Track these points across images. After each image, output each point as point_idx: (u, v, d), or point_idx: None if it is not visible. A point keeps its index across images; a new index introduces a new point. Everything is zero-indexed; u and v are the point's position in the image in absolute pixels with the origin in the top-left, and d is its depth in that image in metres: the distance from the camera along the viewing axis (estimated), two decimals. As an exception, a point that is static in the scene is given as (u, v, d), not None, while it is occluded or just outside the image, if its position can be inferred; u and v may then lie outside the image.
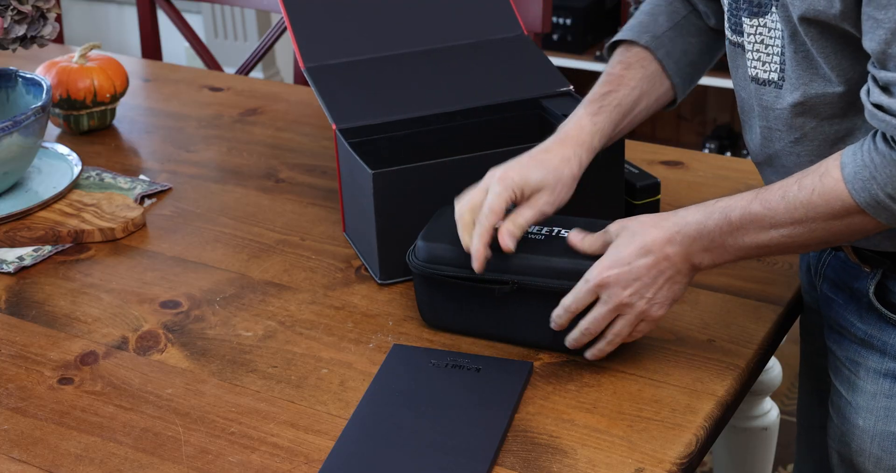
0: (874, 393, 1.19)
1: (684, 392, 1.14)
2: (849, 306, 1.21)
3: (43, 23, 1.54)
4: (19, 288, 1.40)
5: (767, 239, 1.07)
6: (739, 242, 1.08)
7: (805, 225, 1.05)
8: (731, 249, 1.09)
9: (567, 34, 3.28)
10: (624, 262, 1.10)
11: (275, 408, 1.15)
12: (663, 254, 1.10)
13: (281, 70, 3.71)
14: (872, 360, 1.19)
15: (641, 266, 1.10)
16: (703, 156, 1.66)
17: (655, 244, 1.10)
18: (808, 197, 1.03)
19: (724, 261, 1.11)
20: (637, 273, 1.10)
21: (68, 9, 3.98)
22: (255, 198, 1.58)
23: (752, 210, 1.06)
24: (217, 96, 1.94)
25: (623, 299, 1.11)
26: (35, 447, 1.12)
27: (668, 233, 1.10)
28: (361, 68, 1.47)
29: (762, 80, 1.13)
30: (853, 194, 1.01)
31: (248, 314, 1.31)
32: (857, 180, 1.01)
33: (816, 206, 1.03)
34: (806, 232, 1.05)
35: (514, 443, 1.08)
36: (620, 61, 1.28)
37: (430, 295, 1.23)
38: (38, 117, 1.50)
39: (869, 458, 1.21)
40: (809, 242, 1.06)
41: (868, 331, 1.19)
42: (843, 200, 1.02)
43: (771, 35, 1.10)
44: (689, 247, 1.10)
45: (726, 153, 3.37)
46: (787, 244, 1.07)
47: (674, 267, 1.10)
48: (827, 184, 1.03)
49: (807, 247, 1.08)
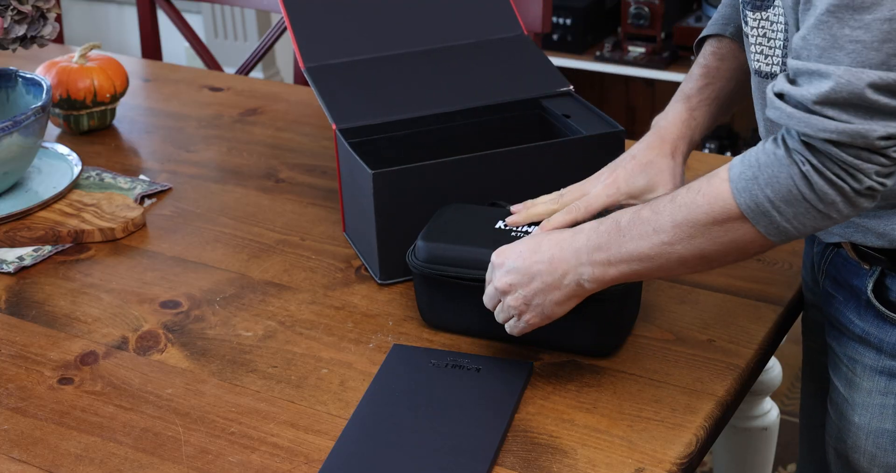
0: (870, 390, 1.19)
1: (684, 392, 1.14)
2: (848, 303, 1.21)
3: (43, 23, 1.54)
4: (19, 288, 1.40)
5: (648, 246, 1.03)
6: (623, 249, 1.04)
7: (685, 230, 1.01)
8: (614, 258, 1.05)
9: (567, 34, 3.28)
10: (515, 250, 1.11)
11: (275, 408, 1.15)
12: (549, 254, 1.09)
13: (281, 70, 3.71)
14: (869, 357, 1.19)
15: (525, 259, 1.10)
16: (703, 156, 1.66)
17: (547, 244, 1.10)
18: (692, 198, 1.01)
19: (605, 277, 1.07)
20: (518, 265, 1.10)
21: (68, 9, 3.98)
22: (255, 198, 1.58)
23: (641, 214, 1.04)
24: (217, 96, 1.94)
25: (500, 284, 1.11)
26: (35, 447, 1.12)
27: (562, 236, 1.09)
28: (361, 68, 1.47)
29: (764, 73, 1.13)
30: (735, 194, 0.98)
31: (248, 314, 1.31)
32: (741, 179, 0.98)
33: (699, 207, 1.00)
34: (685, 238, 1.01)
35: (514, 443, 1.08)
36: (713, 53, 1.27)
37: (430, 295, 1.23)
38: (38, 117, 1.50)
39: (864, 455, 1.21)
40: (688, 253, 1.02)
41: (866, 328, 1.19)
42: (724, 200, 0.99)
43: (773, 28, 1.10)
44: (576, 251, 1.07)
45: (726, 153, 3.37)
46: (669, 255, 1.03)
47: (552, 275, 1.08)
48: (713, 184, 1.00)
49: (685, 261, 1.03)
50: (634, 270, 1.06)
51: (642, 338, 1.23)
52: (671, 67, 3.18)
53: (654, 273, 1.06)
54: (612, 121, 1.39)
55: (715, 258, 1.03)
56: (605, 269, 1.06)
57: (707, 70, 1.27)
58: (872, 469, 1.21)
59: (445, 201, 1.30)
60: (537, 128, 1.47)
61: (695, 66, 1.29)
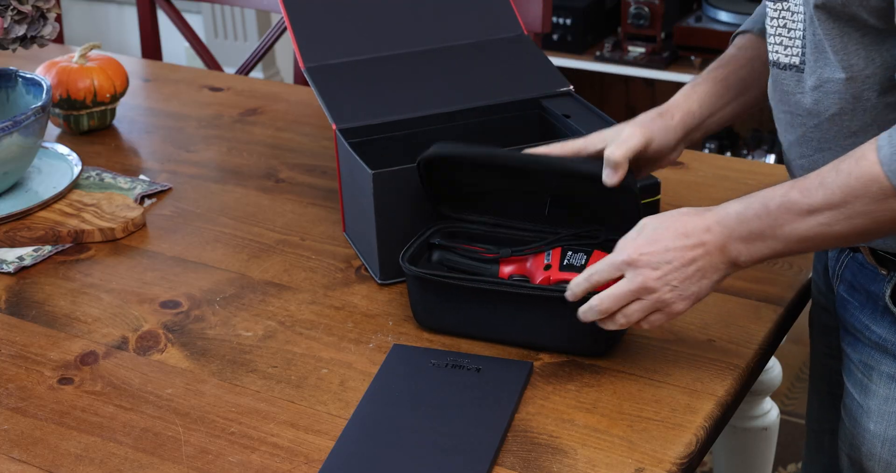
0: (886, 398, 1.18)
1: (684, 392, 1.14)
2: (864, 309, 1.20)
3: (43, 23, 1.54)
4: (19, 288, 1.40)
5: (805, 228, 1.03)
6: (778, 232, 1.04)
7: (843, 210, 1.01)
8: (769, 240, 1.05)
9: (567, 34, 3.28)
10: (659, 243, 1.08)
11: (275, 408, 1.15)
12: (700, 241, 1.07)
13: (281, 70, 3.71)
14: (886, 364, 1.18)
15: (676, 250, 1.07)
16: (703, 156, 1.66)
17: (694, 230, 1.08)
18: (845, 181, 1.00)
19: (762, 255, 1.07)
20: (670, 257, 1.07)
21: (68, 9, 3.98)
22: (255, 198, 1.58)
23: (791, 197, 1.04)
24: (217, 96, 1.94)
25: (649, 281, 1.08)
26: (35, 447, 1.12)
27: (708, 221, 1.08)
28: (361, 68, 1.47)
29: (783, 64, 1.12)
30: (889, 176, 0.98)
31: (248, 314, 1.31)
32: (893, 161, 0.98)
33: (854, 189, 1.00)
34: (844, 219, 1.01)
35: (514, 443, 1.08)
36: (735, 45, 1.29)
37: (424, 298, 1.23)
38: (38, 117, 1.50)
39: (879, 462, 1.20)
40: (849, 231, 1.02)
41: (883, 335, 1.18)
42: (879, 182, 0.99)
43: (794, 19, 1.09)
44: (728, 237, 1.07)
45: (726, 153, 3.37)
46: (826, 234, 1.03)
47: (708, 257, 1.07)
48: (863, 167, 1.00)
49: (846, 239, 1.04)
50: (790, 248, 1.06)
51: (642, 338, 1.23)
52: (671, 66, 3.18)
53: (813, 249, 1.08)
54: (611, 121, 1.39)
55: (875, 233, 1.04)
56: (760, 249, 1.06)
57: (724, 57, 1.28)
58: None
59: (445, 201, 1.30)
60: (537, 128, 1.47)
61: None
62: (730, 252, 1.07)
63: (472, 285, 1.19)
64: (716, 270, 1.08)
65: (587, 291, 1.12)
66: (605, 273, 1.10)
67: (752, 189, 1.52)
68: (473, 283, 1.19)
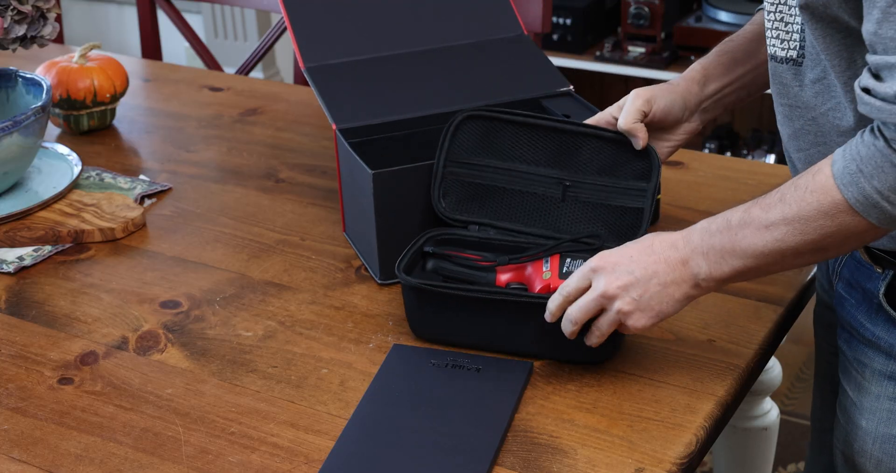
0: (878, 395, 1.19)
1: (684, 392, 1.14)
2: (860, 306, 1.21)
3: (43, 23, 1.54)
4: (19, 288, 1.40)
5: (762, 244, 1.05)
6: (737, 247, 1.06)
7: (797, 225, 1.03)
8: (728, 256, 1.07)
9: (567, 34, 3.28)
10: (626, 254, 1.10)
11: (275, 408, 1.15)
12: (663, 256, 1.09)
13: (281, 70, 3.71)
14: (879, 362, 1.18)
15: (639, 262, 1.09)
16: (703, 156, 1.66)
17: (661, 246, 1.10)
18: (801, 195, 1.02)
19: (722, 273, 1.08)
20: (633, 267, 1.09)
21: (68, 9, 3.98)
22: (255, 198, 1.58)
23: (751, 212, 1.06)
24: (217, 96, 1.94)
25: (610, 289, 1.09)
26: (35, 447, 1.12)
27: (674, 238, 1.10)
28: (361, 68, 1.47)
29: (780, 58, 1.13)
30: (842, 189, 1.00)
31: (248, 314, 1.31)
32: (846, 174, 0.99)
33: (808, 203, 1.02)
34: (798, 234, 1.03)
35: (514, 443, 1.08)
36: (750, 21, 1.32)
37: (421, 308, 1.22)
38: (38, 117, 1.50)
39: (870, 460, 1.20)
40: (802, 246, 1.04)
41: (876, 332, 1.18)
42: (832, 196, 1.00)
43: (791, 13, 1.10)
44: (691, 252, 1.08)
45: (726, 153, 3.37)
46: (781, 251, 1.05)
47: (670, 272, 1.09)
48: (818, 181, 1.01)
49: (800, 255, 1.05)
50: (748, 266, 1.07)
51: (642, 338, 1.23)
52: (671, 66, 3.18)
53: (770, 268, 1.08)
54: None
55: (830, 249, 1.05)
56: (720, 266, 1.07)
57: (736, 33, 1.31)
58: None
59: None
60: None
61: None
62: (691, 268, 1.09)
63: (469, 295, 1.17)
64: (678, 286, 1.09)
65: (562, 306, 1.13)
66: (575, 282, 1.12)
67: (752, 189, 1.53)
68: (471, 292, 1.18)
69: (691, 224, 1.09)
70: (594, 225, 1.28)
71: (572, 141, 1.30)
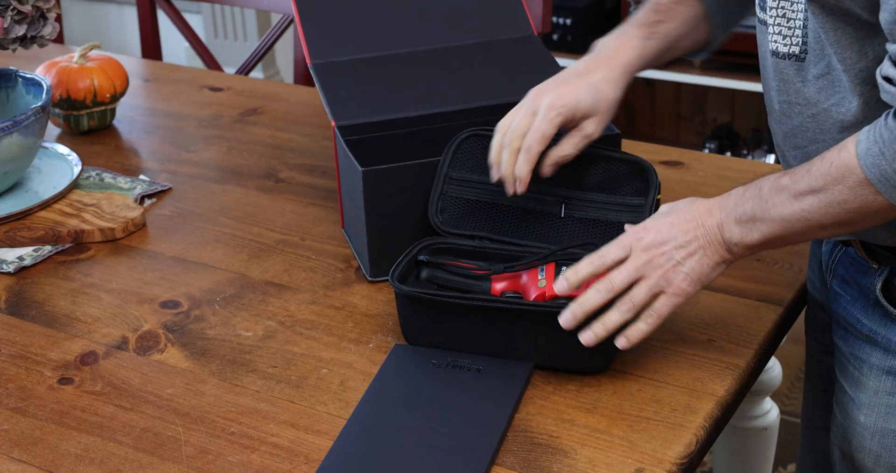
0: (876, 390, 1.19)
1: (684, 392, 1.14)
2: (856, 302, 1.21)
3: (43, 23, 1.54)
4: (19, 288, 1.40)
5: (790, 212, 1.06)
6: (767, 214, 1.08)
7: (821, 199, 1.04)
8: (759, 222, 1.08)
9: (567, 34, 3.28)
10: (665, 222, 1.12)
11: (275, 408, 1.15)
12: (702, 221, 1.11)
13: (281, 70, 3.71)
14: (876, 357, 1.19)
15: (678, 226, 1.11)
16: (703, 156, 1.66)
17: (697, 212, 1.11)
18: (826, 168, 1.04)
19: (752, 240, 1.09)
20: (674, 232, 1.11)
21: (68, 9, 3.98)
22: (255, 198, 1.58)
23: (782, 182, 1.08)
24: (217, 96, 1.94)
25: (653, 254, 1.10)
26: (35, 447, 1.12)
27: (710, 204, 1.12)
28: (367, 66, 1.47)
29: (782, 53, 1.13)
30: (864, 169, 1.01)
31: (248, 314, 1.31)
32: (868, 155, 1.01)
33: (833, 177, 1.04)
34: (823, 206, 1.05)
35: (514, 443, 1.08)
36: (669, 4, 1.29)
37: (416, 317, 1.20)
38: (38, 117, 1.50)
39: (868, 455, 1.21)
40: (826, 219, 1.05)
41: (873, 328, 1.19)
42: (855, 174, 1.02)
43: (793, 9, 1.10)
44: (725, 217, 1.10)
45: (726, 153, 3.37)
46: (808, 220, 1.06)
47: (706, 236, 1.10)
48: (843, 158, 1.03)
49: (824, 227, 1.07)
50: (776, 233, 1.09)
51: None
52: (671, 67, 3.18)
53: (797, 237, 1.10)
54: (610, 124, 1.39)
55: (854, 224, 1.07)
56: (751, 232, 1.09)
57: (661, 7, 1.28)
58: (877, 469, 1.21)
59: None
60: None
61: (647, 5, 1.29)
62: (724, 233, 1.10)
63: (464, 303, 1.16)
64: (714, 250, 1.11)
65: (594, 272, 1.12)
66: (613, 253, 1.12)
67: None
68: (466, 301, 1.16)
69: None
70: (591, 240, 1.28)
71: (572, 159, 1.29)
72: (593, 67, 1.23)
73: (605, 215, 1.29)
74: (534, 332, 1.15)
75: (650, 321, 1.11)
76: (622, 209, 1.29)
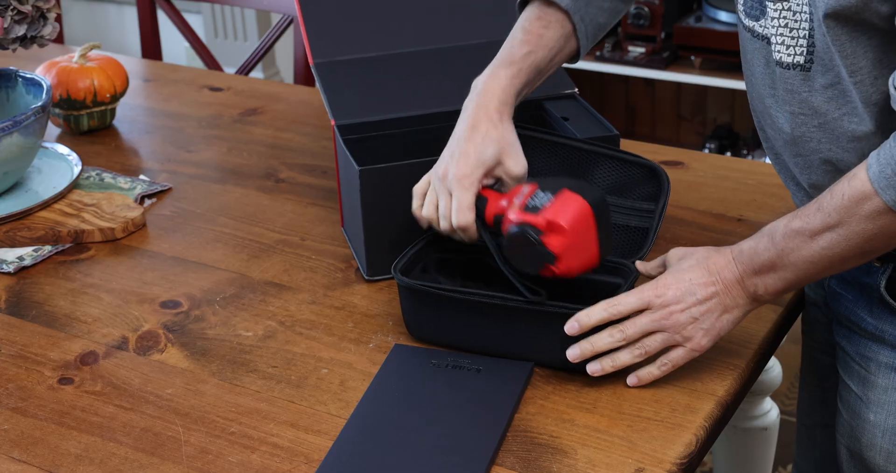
0: (886, 388, 1.19)
1: (684, 392, 1.14)
2: (859, 301, 1.21)
3: (43, 23, 1.54)
4: (19, 288, 1.40)
5: (810, 253, 1.07)
6: (786, 260, 1.08)
7: (840, 231, 1.04)
8: (780, 270, 1.09)
9: (567, 34, 3.28)
10: (684, 279, 1.12)
11: (275, 408, 1.15)
12: (721, 277, 1.11)
13: (281, 70, 3.71)
14: (884, 355, 1.19)
15: (699, 285, 1.11)
16: (703, 156, 1.66)
17: (716, 267, 1.12)
18: (839, 203, 1.04)
19: (777, 287, 1.10)
20: (694, 289, 1.11)
21: (68, 9, 3.98)
22: (255, 198, 1.58)
23: (793, 226, 1.08)
24: (217, 96, 1.94)
25: (674, 313, 1.11)
26: (35, 447, 1.12)
27: (727, 258, 1.12)
28: (369, 66, 1.47)
29: (786, 64, 1.12)
30: (880, 192, 1.01)
31: (248, 314, 1.31)
32: (882, 177, 1.01)
33: (848, 210, 1.03)
34: (843, 240, 1.05)
35: (514, 443, 1.08)
36: (540, 18, 1.29)
37: (417, 309, 1.21)
38: (38, 117, 1.50)
39: (880, 453, 1.21)
40: (848, 252, 1.06)
41: (879, 326, 1.19)
42: (870, 200, 1.02)
43: (796, 18, 1.10)
44: (743, 272, 1.11)
45: (726, 153, 3.37)
46: (830, 258, 1.06)
47: (730, 294, 1.11)
48: (855, 186, 1.03)
49: (847, 260, 1.07)
50: (800, 277, 1.10)
51: (642, 338, 1.23)
52: (671, 67, 3.18)
53: (822, 274, 1.10)
54: (608, 125, 1.39)
55: (876, 250, 1.07)
56: (774, 281, 1.10)
57: (531, 36, 1.28)
58: (889, 466, 1.21)
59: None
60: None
61: (518, 29, 1.30)
62: (748, 287, 1.11)
63: (465, 298, 1.17)
64: (736, 305, 1.12)
65: (607, 320, 1.12)
66: (630, 305, 1.12)
67: (752, 189, 1.53)
68: (467, 295, 1.17)
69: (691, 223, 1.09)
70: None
71: (587, 160, 1.30)
72: (474, 124, 1.23)
73: (615, 219, 1.29)
74: (533, 328, 1.16)
75: (664, 369, 1.14)
76: (632, 213, 1.30)
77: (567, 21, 1.29)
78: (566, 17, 1.29)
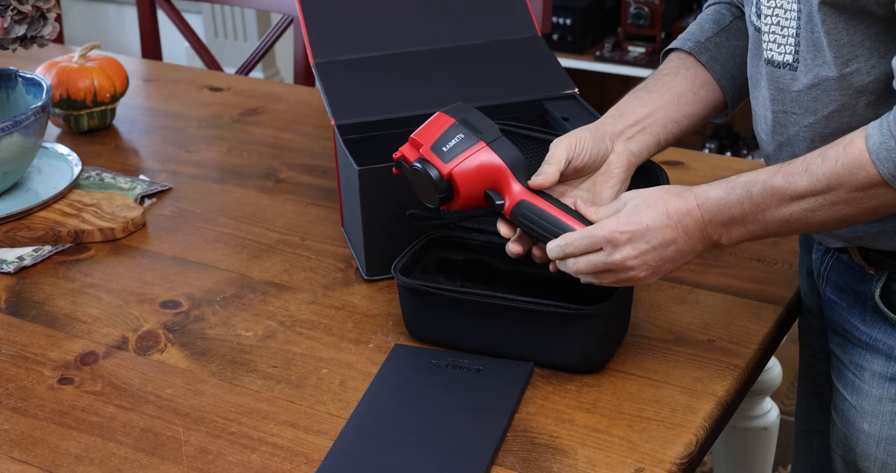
0: (880, 397, 1.18)
1: (684, 392, 1.14)
2: (853, 309, 1.20)
3: (43, 23, 1.54)
4: (19, 288, 1.40)
5: (788, 213, 1.04)
6: (760, 216, 1.05)
7: (827, 197, 1.02)
8: (749, 224, 1.06)
9: (567, 34, 3.28)
10: (640, 222, 1.08)
11: (275, 408, 1.15)
12: (681, 224, 1.08)
13: (281, 70, 3.71)
14: (878, 364, 1.18)
15: (656, 230, 1.07)
16: (703, 156, 1.66)
17: (676, 212, 1.08)
18: (831, 168, 1.01)
19: (741, 237, 1.08)
20: (650, 237, 1.07)
21: (68, 9, 3.98)
22: (255, 198, 1.58)
23: (774, 184, 1.04)
24: (217, 96, 1.94)
25: (628, 259, 1.08)
26: (35, 447, 1.12)
27: (689, 204, 1.08)
28: (370, 66, 1.47)
29: (777, 62, 1.12)
30: (877, 164, 0.99)
31: (248, 314, 1.31)
32: (882, 150, 0.98)
33: (840, 177, 1.01)
34: (828, 205, 1.02)
35: (514, 443, 1.08)
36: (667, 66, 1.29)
37: (417, 309, 1.21)
38: (38, 117, 1.50)
39: (874, 463, 1.20)
40: (830, 217, 1.03)
41: (873, 335, 1.18)
42: (867, 171, 0.99)
43: (787, 16, 1.09)
44: (709, 222, 1.07)
45: (726, 153, 3.37)
46: (808, 220, 1.04)
47: (687, 240, 1.08)
48: (851, 154, 1.00)
49: (826, 225, 1.05)
50: (770, 232, 1.07)
51: (642, 338, 1.23)
52: (671, 67, 3.17)
53: (791, 233, 1.08)
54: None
55: (858, 220, 1.05)
56: (740, 232, 1.08)
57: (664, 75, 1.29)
58: None
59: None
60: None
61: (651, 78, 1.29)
62: (710, 235, 1.08)
63: (464, 297, 1.17)
64: (693, 251, 1.09)
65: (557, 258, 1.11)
66: (582, 248, 1.10)
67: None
68: (466, 295, 1.17)
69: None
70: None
71: None
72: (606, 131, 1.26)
73: None
74: (533, 328, 1.16)
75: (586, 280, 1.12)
76: None
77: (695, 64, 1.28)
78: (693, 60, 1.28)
